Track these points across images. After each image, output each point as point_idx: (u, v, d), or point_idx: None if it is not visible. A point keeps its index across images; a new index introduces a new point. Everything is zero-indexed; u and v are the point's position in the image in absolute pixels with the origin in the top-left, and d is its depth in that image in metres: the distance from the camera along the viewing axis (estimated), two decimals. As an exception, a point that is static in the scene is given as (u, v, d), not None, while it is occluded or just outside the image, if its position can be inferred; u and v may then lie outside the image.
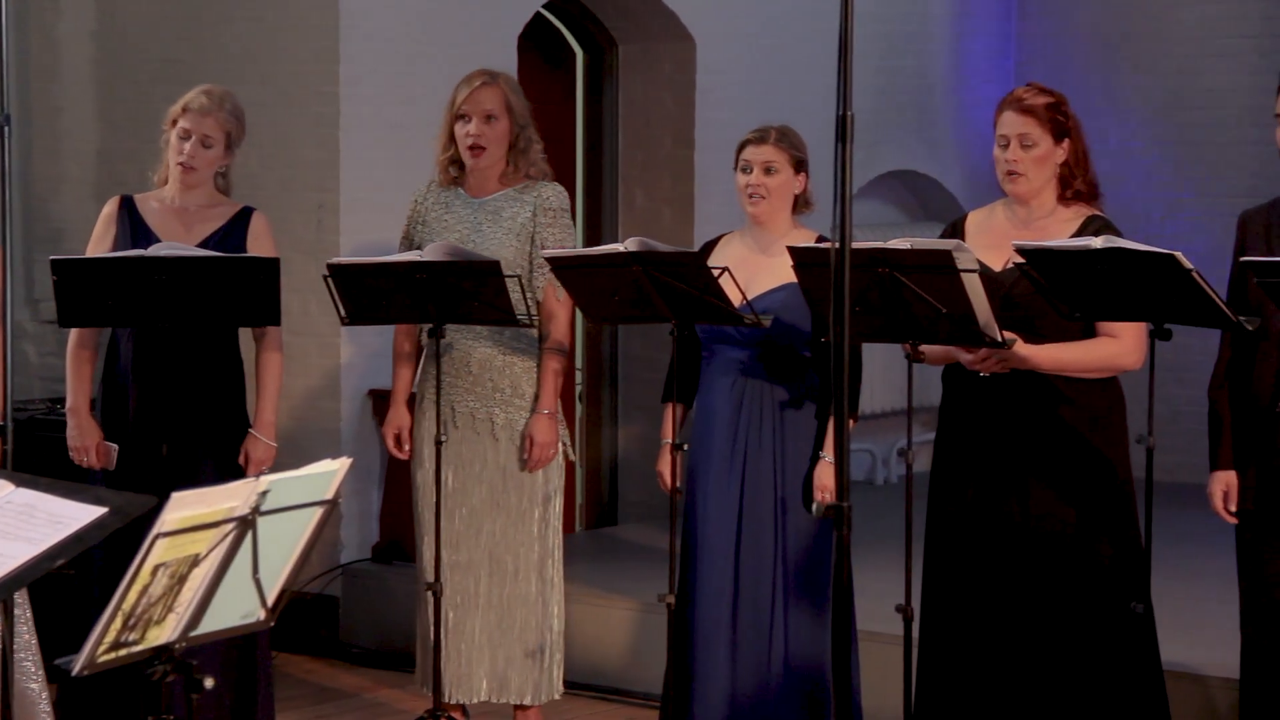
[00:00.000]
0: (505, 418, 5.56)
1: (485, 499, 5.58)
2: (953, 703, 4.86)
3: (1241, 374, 4.80)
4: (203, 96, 5.40)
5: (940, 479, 4.93)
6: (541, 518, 5.60)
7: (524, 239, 5.53)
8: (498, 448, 5.57)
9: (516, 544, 5.58)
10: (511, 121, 5.54)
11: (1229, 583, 4.89)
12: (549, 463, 5.57)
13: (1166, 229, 9.05)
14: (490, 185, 5.59)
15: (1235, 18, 9.28)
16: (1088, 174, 4.86)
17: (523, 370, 5.57)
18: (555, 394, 5.57)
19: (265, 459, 5.40)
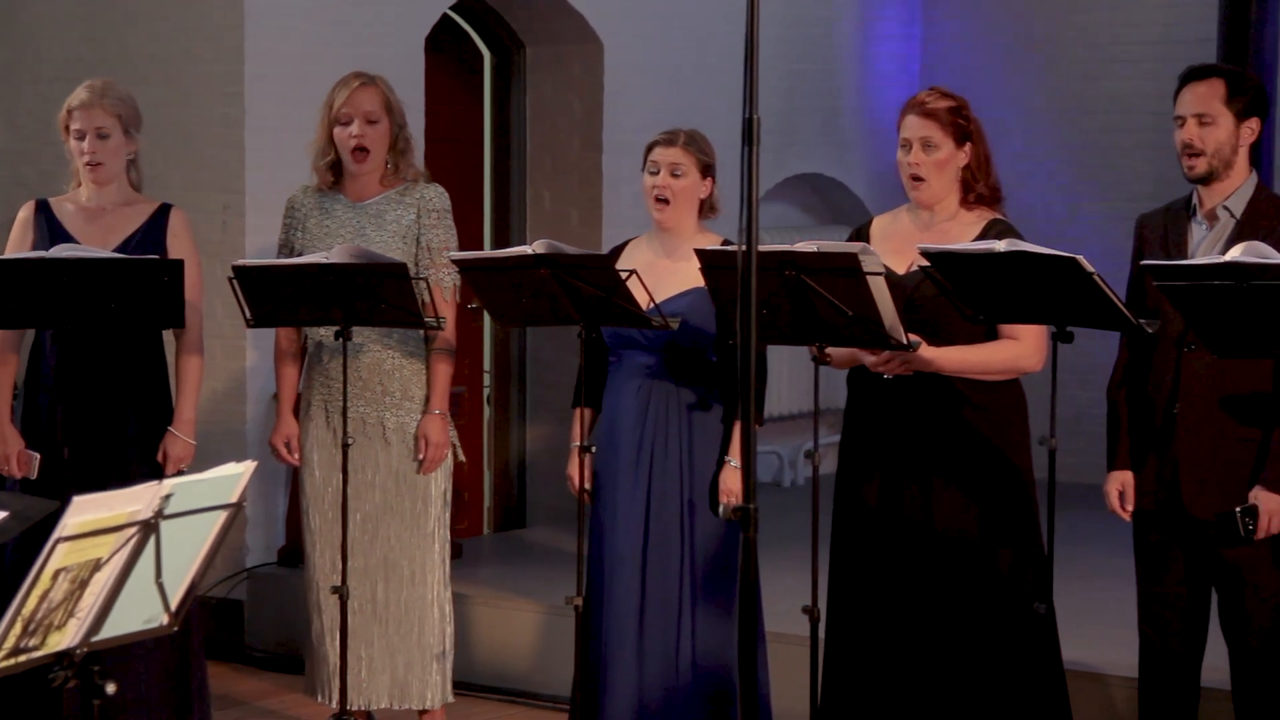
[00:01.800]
0: (396, 421, 5.54)
1: (379, 504, 5.56)
2: (858, 703, 4.89)
3: (1139, 375, 4.86)
4: (84, 91, 5.36)
5: (845, 481, 4.96)
6: (436, 519, 5.59)
7: (410, 241, 5.51)
8: (390, 452, 5.55)
9: (413, 548, 5.56)
10: (391, 122, 5.53)
11: (1129, 582, 4.95)
12: (442, 462, 5.56)
13: (1068, 232, 9.13)
14: (371, 188, 5.56)
15: (1136, 24, 9.39)
16: (990, 178, 4.90)
17: (412, 373, 5.55)
18: (445, 394, 5.56)
19: (184, 457, 5.37)
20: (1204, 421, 4.72)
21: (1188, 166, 4.76)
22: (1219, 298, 4.25)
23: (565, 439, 5.36)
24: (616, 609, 5.20)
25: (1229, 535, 4.70)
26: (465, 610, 6.65)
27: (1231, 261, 4.21)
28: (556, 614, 6.41)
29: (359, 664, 5.55)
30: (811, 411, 4.76)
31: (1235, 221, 4.74)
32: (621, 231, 6.45)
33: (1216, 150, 4.73)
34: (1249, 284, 4.18)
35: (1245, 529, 4.64)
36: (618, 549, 5.21)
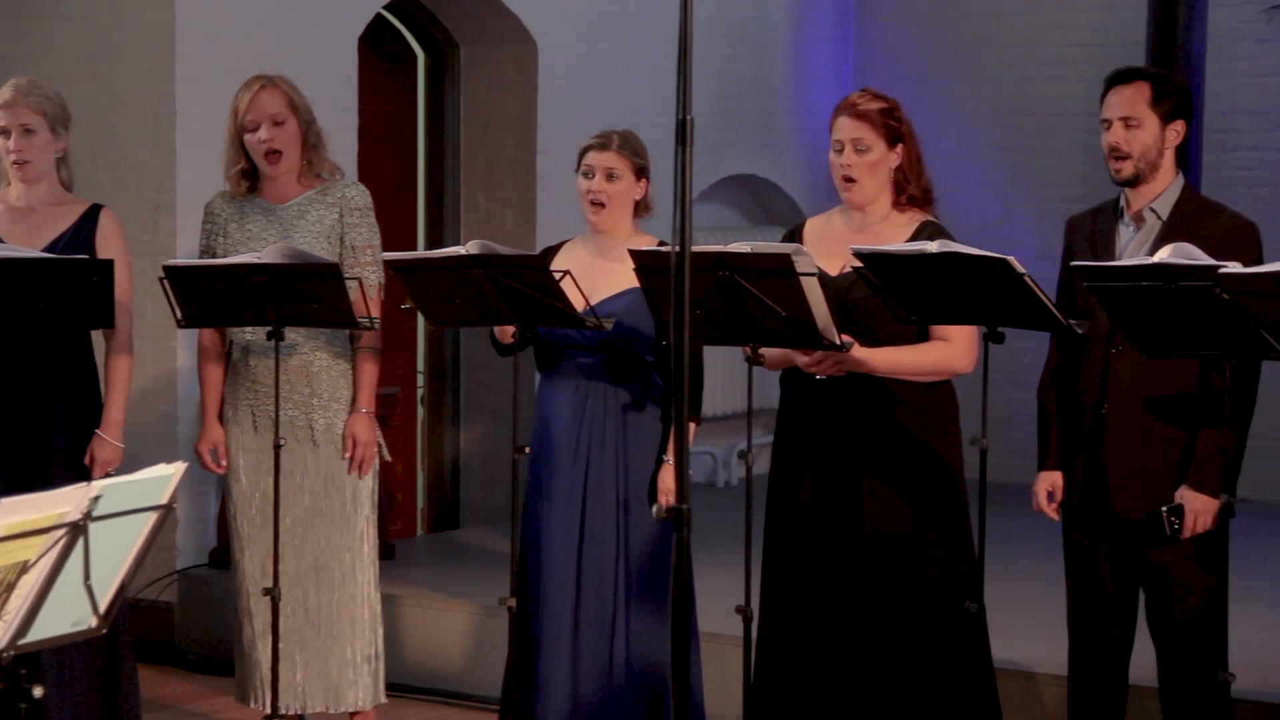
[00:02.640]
0: (325, 422, 5.52)
1: (309, 507, 5.53)
2: (790, 702, 4.90)
3: (1069, 376, 4.90)
4: (8, 90, 5.33)
5: (778, 481, 4.97)
6: (365, 519, 5.57)
7: (333, 241, 5.49)
8: (318, 454, 5.52)
9: (342, 549, 5.54)
10: (299, 120, 5.50)
11: (1059, 581, 4.98)
12: (371, 461, 5.54)
13: (1000, 233, 9.20)
14: (290, 190, 5.54)
15: (1065, 27, 9.46)
16: (921, 179, 4.92)
17: (339, 373, 5.53)
18: (372, 394, 5.55)
19: (112, 460, 5.33)
20: (1131, 421, 4.76)
21: (1114, 169, 4.80)
22: (1147, 299, 4.29)
23: (498, 439, 5.35)
24: (550, 609, 5.19)
25: (1156, 535, 4.74)
26: (398, 611, 6.63)
27: (1159, 263, 4.25)
28: (490, 614, 6.41)
29: (291, 667, 5.52)
30: (745, 412, 4.77)
31: (1162, 223, 4.78)
32: (556, 232, 6.44)
33: (1143, 153, 4.77)
34: (1176, 285, 4.22)
35: (1171, 528, 4.68)
36: (552, 549, 5.21)
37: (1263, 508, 7.06)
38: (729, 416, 9.09)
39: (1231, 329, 4.20)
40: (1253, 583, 6.57)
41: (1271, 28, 8.40)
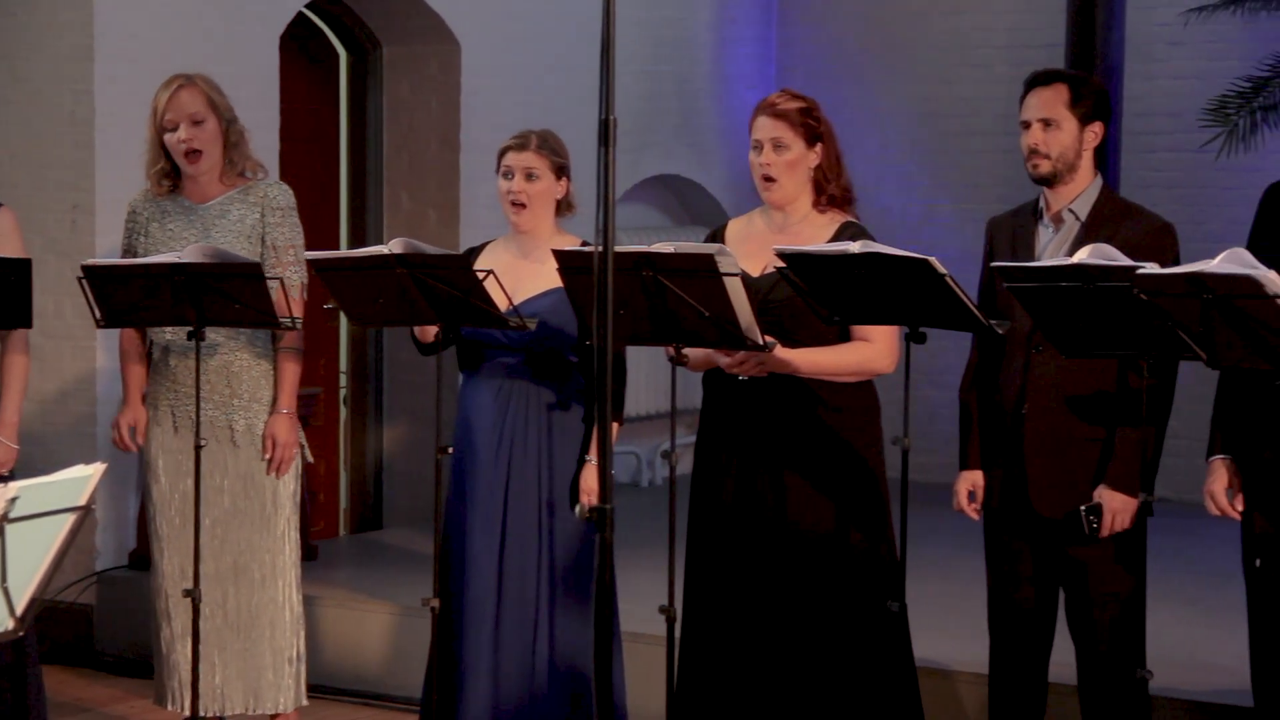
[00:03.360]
0: (245, 423, 5.49)
1: (229, 508, 5.50)
2: (713, 702, 4.91)
3: (990, 376, 4.94)
4: None
5: (700, 481, 4.98)
6: (286, 521, 5.54)
7: (255, 240, 5.47)
8: (238, 455, 5.49)
9: (262, 551, 5.51)
10: (219, 119, 5.47)
11: (980, 580, 5.02)
12: (291, 462, 5.52)
13: (923, 234, 9.26)
14: (213, 189, 5.51)
15: (985, 29, 9.53)
16: (841, 179, 4.95)
17: (261, 374, 5.51)
18: (293, 394, 5.52)
19: (5, 461, 5.27)
20: (1051, 421, 4.80)
21: (1032, 166, 4.84)
22: (1066, 299, 4.33)
23: (422, 439, 5.34)
24: (473, 610, 5.18)
25: (1075, 534, 4.78)
26: (320, 612, 6.61)
27: (1078, 264, 4.29)
28: (412, 615, 6.39)
29: (211, 669, 5.49)
30: (669, 412, 4.78)
31: (1080, 224, 4.82)
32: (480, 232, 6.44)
33: (1061, 154, 4.81)
34: (1095, 286, 4.26)
35: (1089, 527, 4.72)
36: (474, 550, 5.20)
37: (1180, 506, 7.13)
38: (653, 416, 9.10)
39: (1149, 329, 4.24)
40: (1170, 581, 6.64)
41: (1188, 31, 8.49)
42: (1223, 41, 8.61)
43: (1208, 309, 4.06)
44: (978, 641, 5.10)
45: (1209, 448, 4.67)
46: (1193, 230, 6.90)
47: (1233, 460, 4.62)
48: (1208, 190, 8.77)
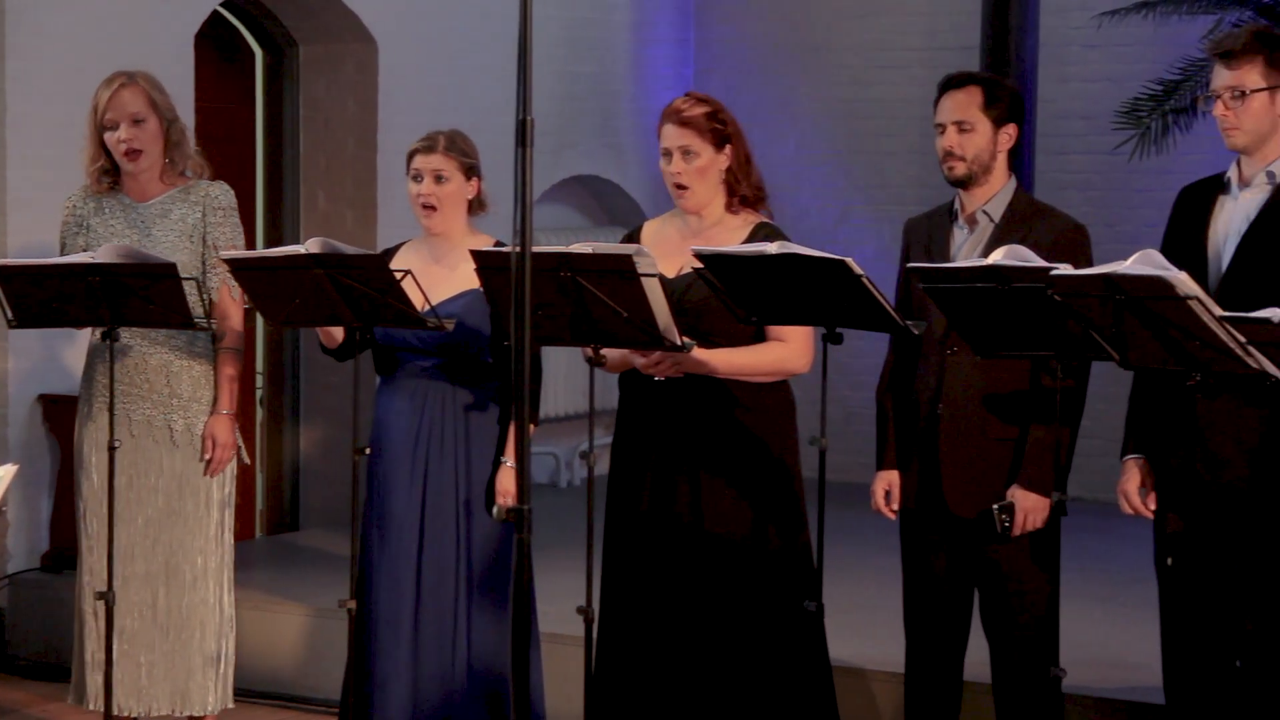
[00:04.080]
0: (184, 423, 5.46)
1: (162, 508, 5.46)
2: (630, 702, 4.92)
3: (906, 376, 4.97)
4: None
5: (617, 482, 4.99)
6: (219, 523, 5.51)
7: (196, 240, 5.43)
8: (175, 455, 5.46)
9: (194, 552, 5.48)
10: (160, 118, 5.44)
11: (896, 580, 5.04)
12: (228, 464, 5.49)
13: (840, 235, 9.30)
14: (153, 188, 5.47)
15: (901, 31, 9.58)
16: (751, 178, 4.96)
17: (201, 374, 5.47)
18: (233, 395, 5.49)
19: None
20: (966, 421, 4.83)
21: (947, 168, 4.88)
22: (981, 300, 4.36)
23: (339, 440, 5.32)
24: (390, 612, 5.17)
25: (989, 533, 4.81)
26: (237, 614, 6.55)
27: (993, 265, 4.32)
28: (329, 617, 6.36)
29: (137, 669, 5.45)
30: (588, 412, 4.78)
31: (995, 225, 4.86)
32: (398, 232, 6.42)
33: (976, 156, 4.85)
34: (1009, 286, 4.29)
35: (1002, 526, 4.76)
36: (392, 552, 5.19)
37: (1092, 505, 7.20)
38: (571, 417, 9.10)
39: (1062, 330, 4.28)
40: (1083, 580, 6.69)
41: (1101, 34, 8.57)
42: (1135, 45, 8.70)
43: (1120, 310, 4.10)
44: (893, 641, 5.13)
45: (1123, 447, 4.72)
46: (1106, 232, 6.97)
47: (1146, 460, 4.67)
48: (1120, 192, 8.86)
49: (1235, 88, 4.48)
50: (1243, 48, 4.48)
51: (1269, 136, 4.51)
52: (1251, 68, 4.47)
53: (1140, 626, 5.53)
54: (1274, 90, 4.48)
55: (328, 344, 5.22)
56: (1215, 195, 4.61)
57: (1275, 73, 4.48)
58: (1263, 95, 4.48)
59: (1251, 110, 4.48)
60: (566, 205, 9.65)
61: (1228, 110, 4.49)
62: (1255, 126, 4.50)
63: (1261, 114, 4.49)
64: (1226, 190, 4.60)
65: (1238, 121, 4.49)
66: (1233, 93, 4.49)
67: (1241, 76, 4.48)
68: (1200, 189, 4.67)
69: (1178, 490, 4.56)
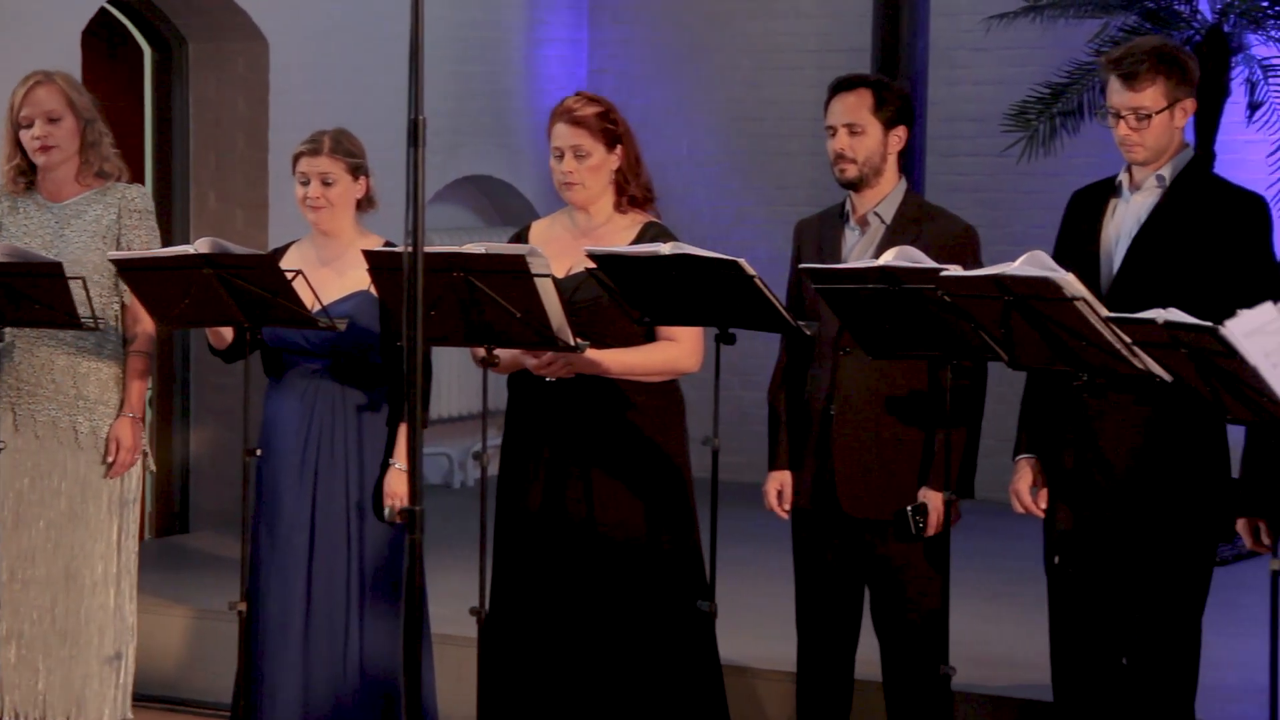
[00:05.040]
0: (90, 425, 5.39)
1: (64, 511, 5.39)
2: (522, 703, 4.91)
3: (798, 377, 4.99)
4: None
5: (507, 481, 4.98)
6: (121, 528, 5.44)
7: (109, 242, 5.37)
8: (79, 457, 5.39)
9: (95, 557, 5.41)
10: (77, 118, 5.38)
11: (789, 579, 5.07)
12: (131, 467, 5.42)
13: (733, 236, 9.33)
14: (68, 188, 5.42)
15: (795, 34, 9.63)
16: (641, 178, 4.98)
17: (110, 376, 5.40)
18: (142, 398, 5.43)
19: None
20: (859, 422, 4.86)
21: (838, 170, 4.91)
22: (872, 301, 4.39)
23: (229, 441, 5.28)
24: (280, 614, 5.13)
25: (881, 533, 4.85)
26: (128, 619, 6.50)
27: (884, 266, 4.36)
28: (219, 619, 6.30)
29: (34, 674, 5.39)
30: (481, 413, 4.77)
31: (886, 227, 4.90)
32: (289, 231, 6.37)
33: (866, 158, 4.88)
34: (900, 287, 4.33)
35: (916, 526, 4.79)
36: (282, 553, 5.15)
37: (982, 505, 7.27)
38: (465, 418, 9.08)
39: (953, 331, 4.32)
40: (972, 578, 6.76)
41: (990, 37, 8.65)
42: (1023, 48, 8.79)
43: (1008, 310, 4.14)
44: (785, 640, 5.16)
45: (1015, 447, 4.77)
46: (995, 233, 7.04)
47: (1037, 459, 4.72)
48: (1009, 194, 8.95)
49: (1138, 110, 4.54)
50: (1145, 70, 4.52)
51: (1167, 147, 4.58)
52: (1153, 89, 4.53)
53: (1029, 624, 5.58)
54: (1173, 107, 4.55)
55: (217, 345, 5.17)
56: (1107, 198, 4.67)
57: (1173, 90, 4.54)
58: (1164, 113, 4.54)
59: (1154, 129, 4.55)
60: (459, 205, 9.63)
61: (1131, 130, 4.55)
62: (1156, 143, 4.56)
63: (1162, 130, 4.56)
64: (1118, 193, 4.66)
65: (1141, 140, 4.55)
66: (1136, 114, 4.54)
67: (1143, 99, 4.53)
68: (1092, 192, 4.72)
69: (1068, 489, 4.62)
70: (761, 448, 5.14)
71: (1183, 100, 4.55)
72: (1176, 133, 4.58)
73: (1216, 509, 4.54)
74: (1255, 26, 7.89)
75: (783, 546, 5.13)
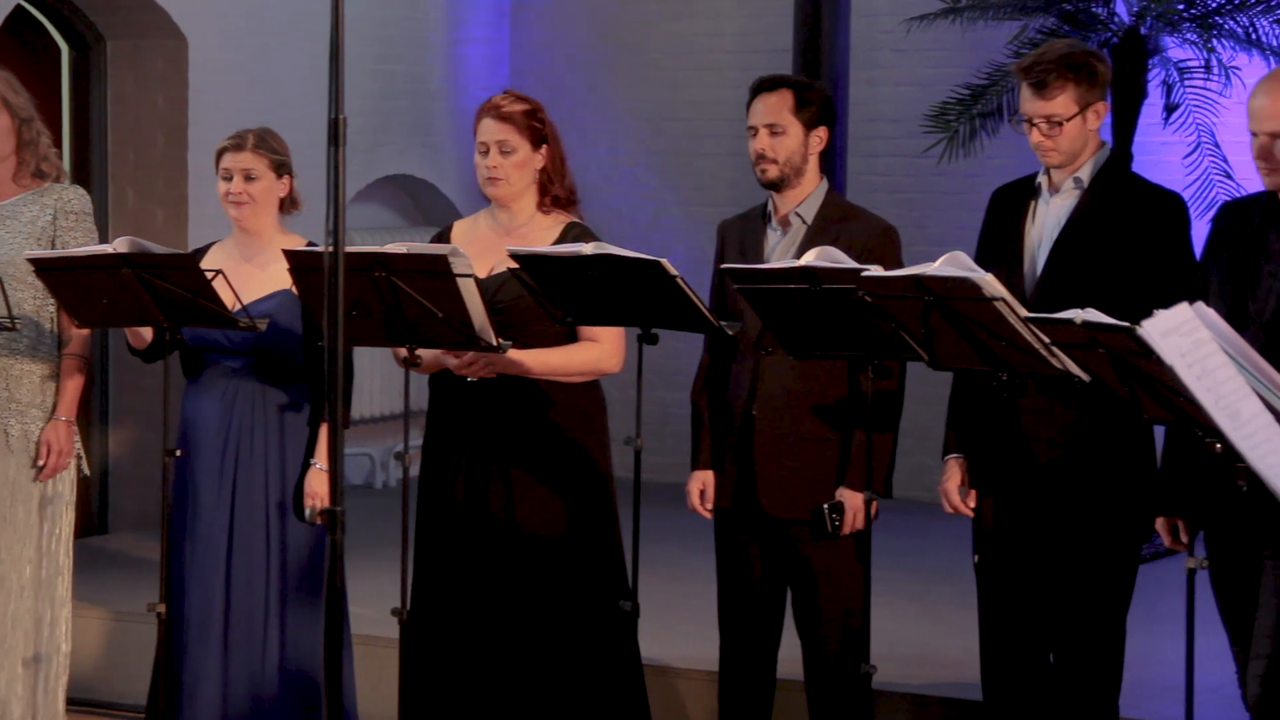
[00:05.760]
0: (21, 428, 5.32)
1: None
2: (442, 704, 4.90)
3: (720, 377, 5.01)
4: None
5: (429, 483, 4.97)
6: (50, 532, 5.37)
7: (44, 243, 5.30)
8: (9, 460, 5.32)
9: (23, 561, 5.34)
10: (12, 116, 5.32)
11: (711, 579, 5.08)
12: (62, 470, 5.36)
13: (654, 237, 9.34)
14: (6, 189, 5.34)
15: (715, 34, 9.65)
16: (565, 180, 4.98)
17: (43, 379, 5.33)
18: (75, 401, 5.36)
19: None
20: (780, 422, 4.88)
21: (760, 171, 4.92)
22: (794, 301, 4.41)
23: (149, 442, 5.25)
24: (200, 615, 5.10)
25: (803, 533, 4.87)
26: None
27: (805, 266, 4.37)
28: (138, 621, 6.26)
29: (-38, 680, 5.32)
30: (403, 413, 4.76)
31: (807, 227, 4.92)
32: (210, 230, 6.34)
33: (788, 159, 4.90)
34: (821, 288, 4.35)
35: (832, 525, 4.81)
36: (201, 554, 5.12)
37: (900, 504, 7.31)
38: (387, 418, 9.05)
39: (874, 331, 4.35)
40: (892, 577, 6.78)
41: (910, 38, 8.70)
42: (943, 49, 8.84)
43: (929, 311, 4.17)
44: (707, 640, 5.17)
45: (944, 446, 4.80)
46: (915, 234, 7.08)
47: (965, 459, 4.75)
48: (930, 194, 9.00)
49: (1050, 117, 4.57)
50: (1055, 79, 4.56)
51: (1082, 150, 4.62)
52: (1063, 96, 4.56)
53: (949, 623, 5.63)
54: (1084, 111, 4.58)
55: (136, 345, 5.13)
56: (1027, 199, 4.70)
57: (1084, 95, 4.57)
58: (1076, 119, 4.57)
59: (1068, 135, 4.58)
60: (381, 205, 9.59)
61: (1044, 138, 4.58)
62: (1071, 147, 4.60)
63: (1075, 135, 4.59)
64: (1037, 195, 4.69)
65: (1055, 145, 4.59)
66: (1049, 122, 4.57)
67: (1054, 106, 4.56)
68: (1012, 191, 4.75)
69: (995, 488, 4.65)
70: (684, 448, 5.15)
71: (1094, 104, 4.59)
72: (1091, 135, 4.62)
73: (1140, 507, 4.58)
74: (1171, 29, 7.96)
75: (705, 546, 5.14)
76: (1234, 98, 7.68)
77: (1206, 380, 3.57)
